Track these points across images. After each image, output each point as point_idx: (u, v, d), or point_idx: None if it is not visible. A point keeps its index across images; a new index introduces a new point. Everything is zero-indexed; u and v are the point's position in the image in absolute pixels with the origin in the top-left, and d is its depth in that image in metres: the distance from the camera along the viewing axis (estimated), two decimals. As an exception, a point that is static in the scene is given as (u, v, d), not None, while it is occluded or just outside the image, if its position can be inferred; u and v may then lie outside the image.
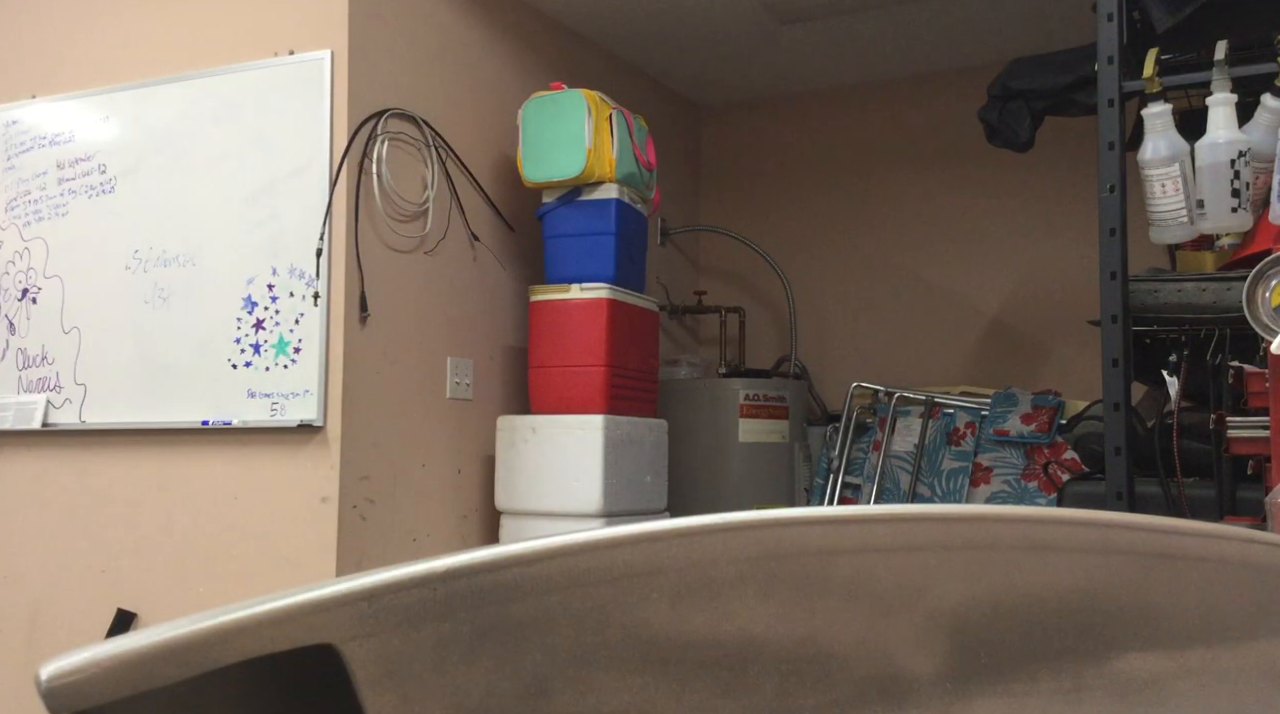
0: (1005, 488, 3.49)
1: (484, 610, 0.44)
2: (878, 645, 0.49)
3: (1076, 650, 0.53)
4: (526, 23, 3.47)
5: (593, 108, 3.04)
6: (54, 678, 0.40)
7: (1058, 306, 3.86)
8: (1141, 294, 2.20)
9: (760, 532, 0.48)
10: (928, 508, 0.55)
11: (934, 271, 4.11)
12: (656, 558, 0.46)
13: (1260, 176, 2.07)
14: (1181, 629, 0.56)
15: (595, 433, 2.92)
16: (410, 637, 0.43)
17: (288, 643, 0.41)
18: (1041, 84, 3.00)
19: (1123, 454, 2.12)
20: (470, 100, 3.19)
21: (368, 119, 2.81)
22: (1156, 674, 0.55)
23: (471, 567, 0.44)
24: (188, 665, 0.40)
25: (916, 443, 3.66)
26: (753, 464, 3.63)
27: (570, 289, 3.04)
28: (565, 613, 0.45)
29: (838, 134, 4.32)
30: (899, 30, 3.74)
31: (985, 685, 0.51)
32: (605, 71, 3.83)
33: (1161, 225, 2.15)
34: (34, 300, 3.13)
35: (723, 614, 0.47)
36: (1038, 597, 0.53)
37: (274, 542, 2.74)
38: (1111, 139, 2.17)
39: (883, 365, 4.02)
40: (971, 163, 3.95)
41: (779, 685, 0.47)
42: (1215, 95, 2.08)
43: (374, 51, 2.86)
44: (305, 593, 0.42)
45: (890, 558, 0.50)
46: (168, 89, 2.99)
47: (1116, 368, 2.13)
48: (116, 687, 0.40)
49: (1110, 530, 0.56)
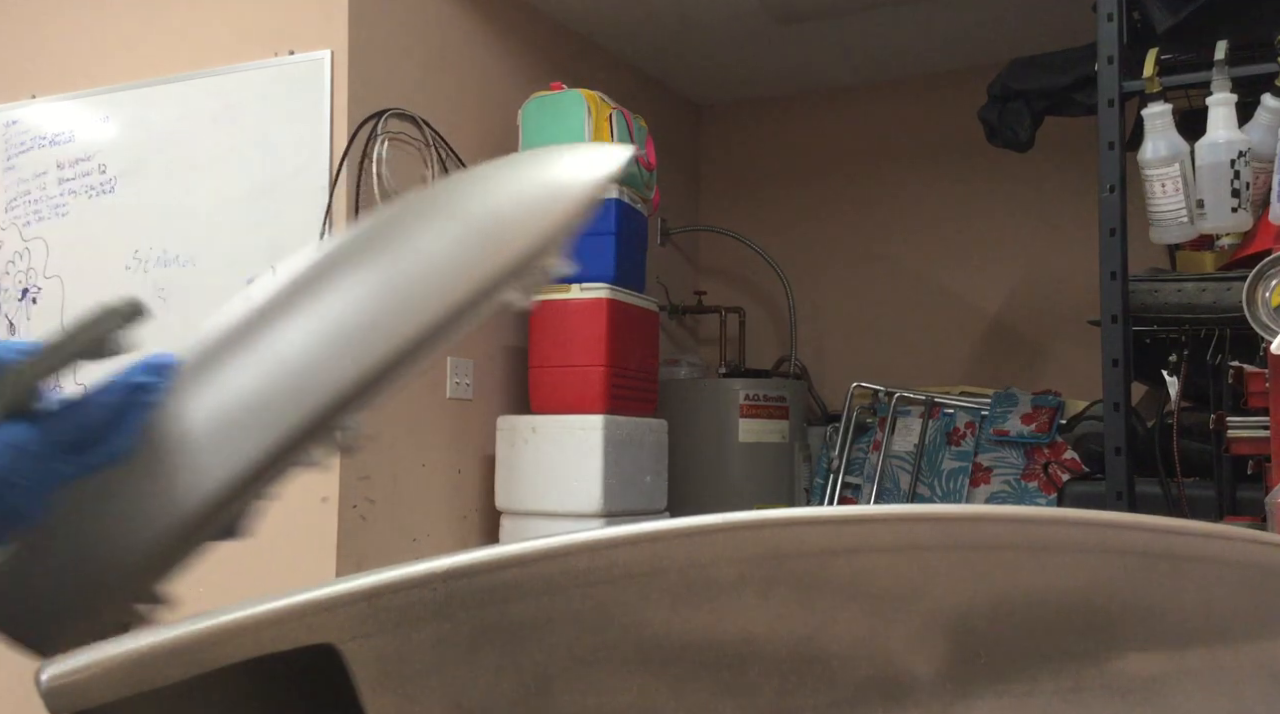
0: (1005, 488, 3.49)
1: (484, 610, 0.44)
2: (878, 645, 0.49)
3: (1076, 650, 0.53)
4: (526, 23, 3.47)
5: (593, 108, 3.04)
6: (54, 678, 0.40)
7: (1058, 306, 3.86)
8: (1141, 294, 2.20)
9: (760, 532, 0.48)
10: (928, 508, 0.55)
11: (934, 271, 4.11)
12: (656, 558, 0.46)
13: (1260, 176, 2.07)
14: (1181, 629, 0.56)
15: (595, 433, 2.92)
16: (410, 637, 0.43)
17: (288, 643, 0.41)
18: (1041, 84, 3.00)
19: (1123, 454, 2.12)
20: (470, 100, 3.19)
21: (368, 119, 2.81)
22: (1156, 674, 0.55)
23: (471, 567, 0.44)
24: (188, 665, 0.40)
25: (916, 443, 3.66)
26: (753, 464, 3.63)
27: (570, 289, 3.04)
28: (565, 613, 0.45)
29: (837, 134, 4.32)
30: (899, 30, 3.74)
31: (985, 685, 0.51)
32: (605, 71, 3.83)
33: (1161, 225, 2.15)
34: (34, 300, 3.13)
35: (723, 614, 0.47)
36: (1038, 597, 0.53)
37: (273, 542, 2.73)
38: (1111, 139, 2.17)
39: (883, 365, 4.02)
40: (971, 163, 3.95)
41: (779, 685, 0.47)
42: (1215, 95, 2.08)
43: (374, 51, 2.86)
44: (305, 593, 0.42)
45: (890, 558, 0.50)
46: (168, 89, 2.99)
47: (1116, 368, 2.13)
48: (117, 687, 0.40)
49: (1110, 530, 0.56)
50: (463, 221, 0.64)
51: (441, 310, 0.58)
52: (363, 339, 0.57)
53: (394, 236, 0.65)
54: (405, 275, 0.61)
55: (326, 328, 0.60)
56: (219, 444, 0.58)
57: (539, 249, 0.61)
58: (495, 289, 0.59)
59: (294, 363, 0.60)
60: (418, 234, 0.64)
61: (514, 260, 0.60)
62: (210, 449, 0.59)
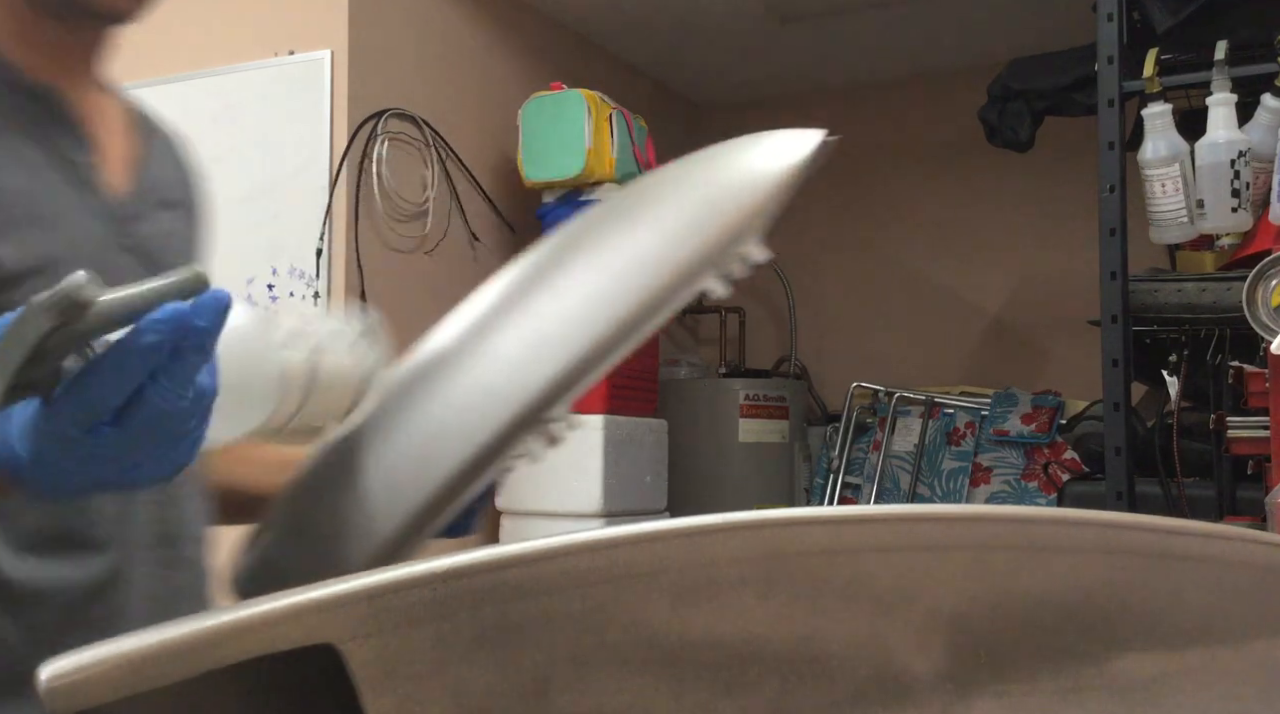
0: (1005, 488, 3.49)
1: (484, 610, 0.44)
2: (878, 645, 0.49)
3: (1076, 650, 0.53)
4: (526, 23, 3.47)
5: (593, 108, 3.05)
6: (54, 678, 0.40)
7: (1058, 307, 3.85)
8: (1141, 294, 2.20)
9: (760, 532, 0.48)
10: (928, 508, 0.55)
11: (934, 271, 4.11)
12: (657, 558, 0.46)
13: (1260, 176, 2.07)
14: (1181, 629, 0.56)
15: (595, 433, 2.92)
16: (410, 637, 0.43)
17: (288, 643, 0.41)
18: (1041, 84, 3.00)
19: (1123, 454, 2.12)
20: (470, 100, 3.19)
21: (368, 119, 2.81)
22: (1156, 674, 0.55)
23: (471, 567, 0.44)
24: (188, 665, 0.40)
25: (916, 443, 3.66)
26: (753, 464, 3.63)
27: (570, 289, 3.04)
28: (565, 613, 0.45)
29: (838, 134, 4.31)
30: (899, 30, 3.74)
31: (985, 685, 0.51)
32: (605, 71, 3.83)
33: (1161, 225, 2.15)
34: (34, 300, 3.14)
35: (723, 614, 0.47)
36: (1038, 597, 0.53)
37: (274, 542, 2.74)
38: (1111, 139, 2.16)
39: (883, 365, 4.02)
40: (971, 163, 3.95)
41: (779, 685, 0.47)
42: (1215, 95, 2.08)
43: (374, 51, 2.86)
44: (305, 593, 0.43)
45: (890, 558, 0.50)
46: (167, 89, 2.99)
47: (1116, 368, 2.13)
48: (117, 687, 0.40)
49: (1110, 530, 0.56)
50: (661, 216, 0.68)
51: (643, 301, 0.61)
52: (567, 336, 0.60)
53: (590, 240, 0.70)
54: (609, 272, 0.64)
55: (541, 325, 0.64)
56: (450, 434, 0.61)
57: (735, 238, 0.63)
58: (695, 277, 0.61)
59: (509, 357, 0.63)
60: (616, 233, 0.69)
61: (711, 249, 0.63)
62: (444, 437, 0.61)
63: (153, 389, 0.56)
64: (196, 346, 0.57)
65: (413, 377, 0.69)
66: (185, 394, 0.57)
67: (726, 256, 0.62)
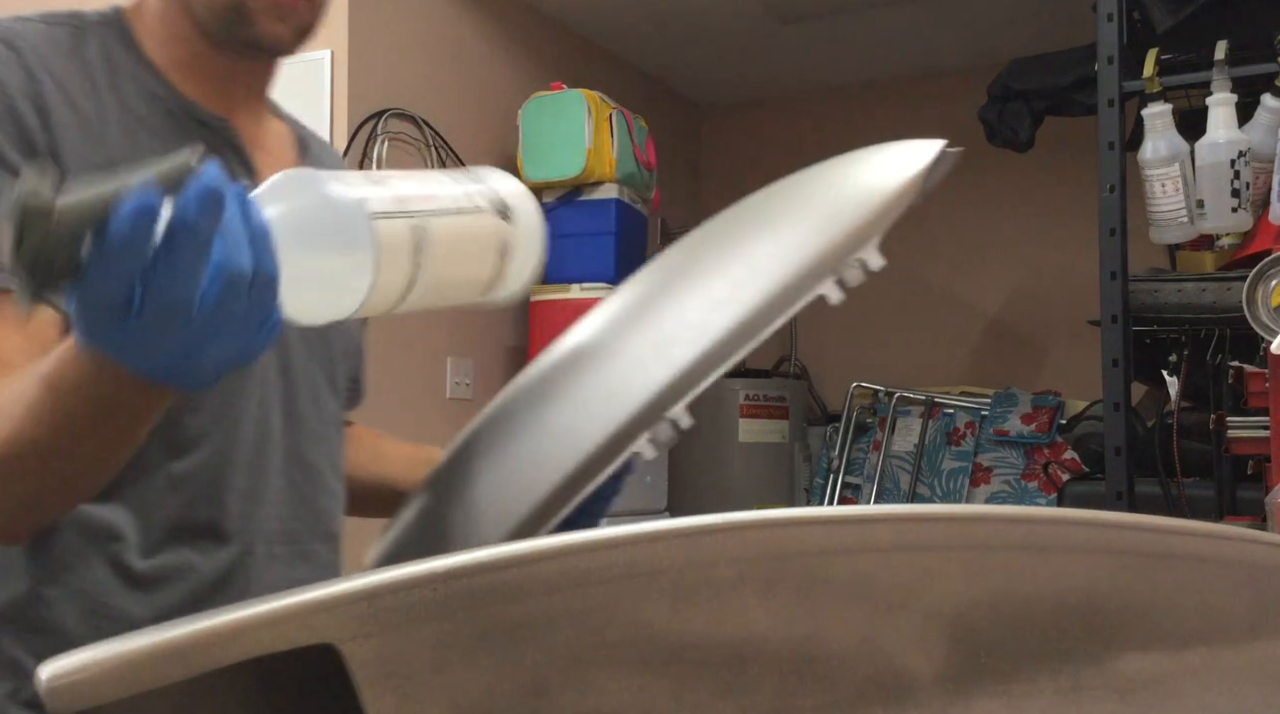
0: (1005, 488, 3.49)
1: (484, 610, 0.44)
2: (878, 645, 0.49)
3: (1076, 650, 0.53)
4: (526, 23, 3.47)
5: (593, 108, 3.05)
6: (54, 678, 0.40)
7: (1058, 306, 3.86)
8: (1141, 294, 2.20)
9: (760, 532, 0.48)
10: (928, 508, 0.55)
11: (934, 271, 4.11)
12: (656, 558, 0.46)
13: (1260, 176, 2.07)
14: (1181, 629, 0.56)
15: (595, 433, 2.92)
16: (410, 637, 0.43)
17: (288, 643, 0.41)
18: (1041, 84, 3.00)
19: (1123, 454, 2.12)
20: (470, 100, 3.19)
21: (368, 119, 2.81)
22: (1156, 674, 0.55)
23: (471, 567, 0.44)
24: (188, 665, 0.40)
25: (916, 443, 3.66)
26: (753, 464, 3.63)
27: (570, 289, 3.04)
28: (565, 613, 0.45)
29: (838, 134, 4.31)
30: (899, 30, 3.74)
31: (985, 685, 0.51)
32: (605, 71, 3.83)
33: (1161, 225, 2.15)
34: (34, 300, 3.13)
35: (723, 614, 0.47)
36: (1038, 597, 0.53)
37: (274, 542, 2.74)
38: (1111, 139, 2.17)
39: (883, 365, 4.02)
40: (971, 163, 3.94)
41: (779, 685, 0.47)
42: (1215, 95, 2.08)
43: (374, 51, 2.86)
44: (305, 593, 0.43)
45: (890, 558, 0.50)
46: (168, 89, 2.99)
47: (1116, 368, 2.13)
48: (117, 687, 0.40)
49: (1110, 530, 0.56)
50: (783, 224, 0.72)
51: (760, 306, 0.63)
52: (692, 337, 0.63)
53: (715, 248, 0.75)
54: (730, 278, 0.66)
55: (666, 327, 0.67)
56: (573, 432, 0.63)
57: (852, 246, 0.65)
58: (813, 283, 0.64)
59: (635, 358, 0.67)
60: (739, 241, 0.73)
61: (829, 257, 0.65)
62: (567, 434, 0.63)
63: (155, 281, 0.56)
64: (187, 238, 0.56)
65: (543, 375, 0.73)
66: (194, 283, 0.57)
67: (844, 264, 0.64)
